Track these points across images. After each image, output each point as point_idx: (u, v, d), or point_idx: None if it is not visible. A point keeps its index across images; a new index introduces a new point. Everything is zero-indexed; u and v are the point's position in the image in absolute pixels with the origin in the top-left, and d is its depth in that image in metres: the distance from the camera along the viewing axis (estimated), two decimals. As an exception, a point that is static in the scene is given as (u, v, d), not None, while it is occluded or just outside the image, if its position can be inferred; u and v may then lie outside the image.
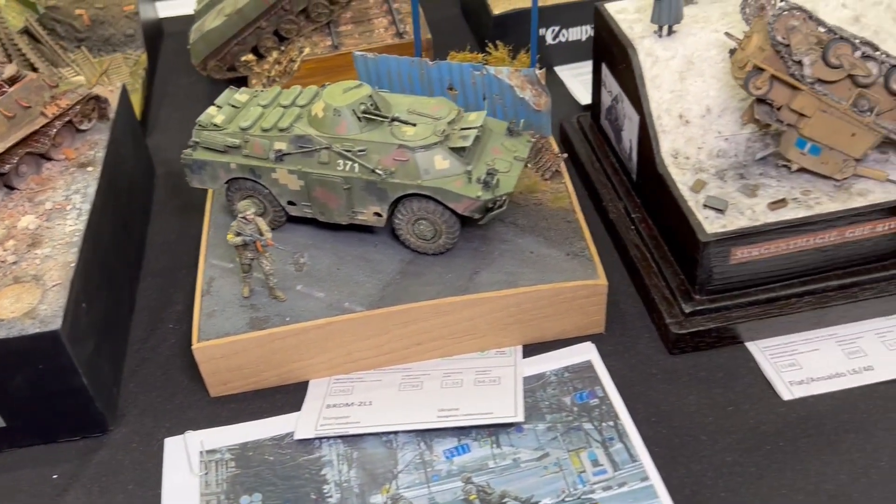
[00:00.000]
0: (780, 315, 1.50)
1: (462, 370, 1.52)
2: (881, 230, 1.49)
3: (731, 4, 1.75)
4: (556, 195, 1.68)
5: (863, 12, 1.71)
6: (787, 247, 1.47)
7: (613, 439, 1.38)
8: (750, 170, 1.57)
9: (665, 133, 1.61)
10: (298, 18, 2.20)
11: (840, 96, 1.43)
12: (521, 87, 1.71)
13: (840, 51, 1.38)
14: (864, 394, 1.41)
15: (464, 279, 1.52)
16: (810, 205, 1.48)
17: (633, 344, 1.55)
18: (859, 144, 1.45)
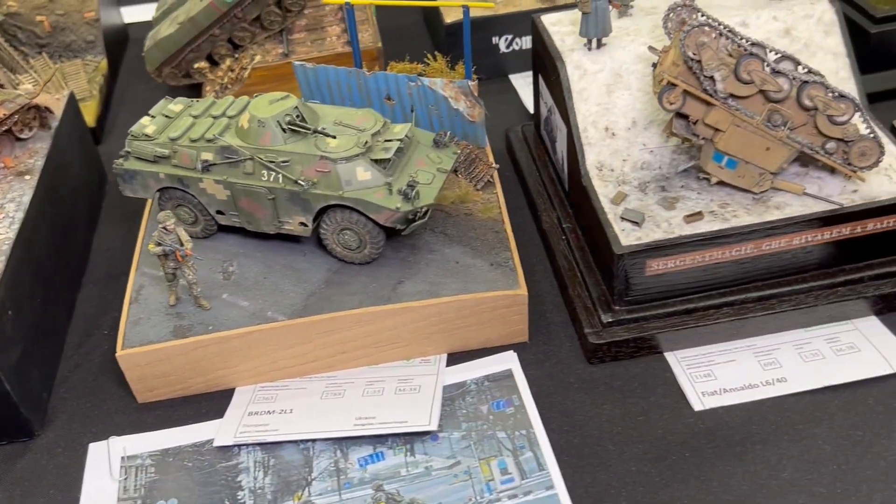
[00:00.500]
0: (698, 326, 1.52)
1: (385, 378, 1.54)
2: (798, 243, 1.50)
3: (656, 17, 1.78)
4: (486, 205, 1.70)
5: (793, 25, 1.72)
6: (703, 259, 1.49)
7: (524, 448, 1.40)
8: (672, 182, 1.59)
9: (590, 145, 1.63)
10: (251, 26, 2.23)
11: (754, 111, 1.45)
12: (455, 99, 1.74)
13: (751, 66, 1.40)
14: (774, 405, 1.42)
15: (387, 289, 1.54)
16: (727, 217, 1.50)
17: (555, 353, 1.57)
18: (774, 158, 1.47)
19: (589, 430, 1.42)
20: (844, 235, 1.51)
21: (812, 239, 1.50)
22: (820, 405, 1.42)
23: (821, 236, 1.50)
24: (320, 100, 1.86)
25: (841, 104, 1.42)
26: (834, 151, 1.46)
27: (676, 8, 1.54)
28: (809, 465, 1.34)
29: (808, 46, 1.71)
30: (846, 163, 1.47)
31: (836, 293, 1.54)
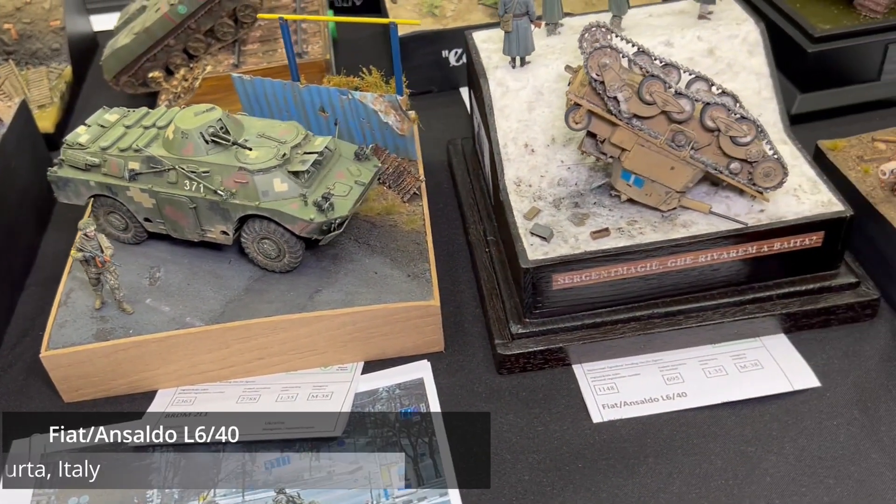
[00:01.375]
0: (606, 340, 1.55)
1: (301, 385, 1.58)
2: (704, 261, 1.53)
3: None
4: (411, 217, 1.74)
5: (717, 45, 1.76)
6: (609, 274, 1.53)
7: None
8: (586, 199, 1.63)
9: (510, 161, 1.67)
10: (205, 37, 2.29)
11: (658, 131, 1.48)
12: (385, 112, 1.78)
13: (653, 88, 1.43)
14: (672, 419, 1.45)
15: (304, 297, 1.58)
16: (633, 235, 1.54)
17: (468, 363, 1.60)
18: (679, 177, 1.50)
19: (490, 439, 1.46)
20: (751, 254, 1.54)
21: (718, 257, 1.53)
22: (717, 420, 1.45)
23: (726, 255, 1.53)
24: (259, 111, 1.92)
25: (743, 126, 1.45)
26: (738, 172, 1.49)
27: (591, 28, 1.57)
28: (699, 479, 1.37)
29: (731, 66, 1.75)
30: (751, 183, 1.50)
31: (744, 311, 1.57)
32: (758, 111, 1.71)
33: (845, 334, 1.57)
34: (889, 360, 1.51)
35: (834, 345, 1.56)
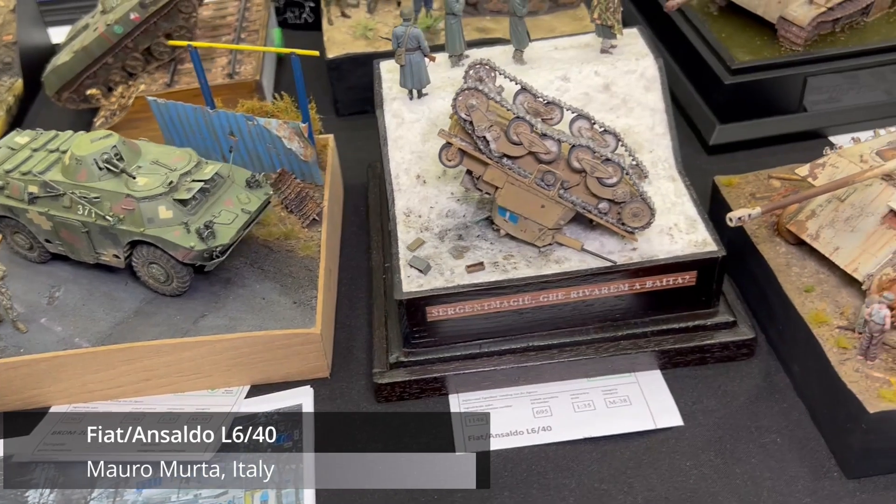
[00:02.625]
0: (481, 371, 1.58)
1: (184, 407, 1.63)
2: (576, 297, 1.56)
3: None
4: (307, 243, 1.78)
5: (614, 80, 1.77)
6: (483, 308, 1.55)
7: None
8: (470, 231, 1.65)
9: (401, 192, 1.70)
10: (143, 56, 2.34)
11: (528, 170, 1.50)
12: (289, 139, 1.82)
13: (519, 129, 1.46)
14: (533, 453, 1.48)
15: (189, 322, 1.63)
16: (507, 269, 1.56)
17: (350, 390, 1.64)
18: (550, 215, 1.52)
19: (354, 468, 1.49)
20: (624, 291, 1.56)
21: (590, 293, 1.56)
22: (578, 456, 1.47)
23: (598, 291, 1.56)
24: (175, 133, 1.97)
25: (608, 167, 1.47)
26: (607, 211, 1.51)
27: (476, 65, 1.60)
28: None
29: (626, 102, 1.76)
30: (620, 223, 1.52)
31: (618, 346, 1.59)
32: (650, 147, 1.74)
33: (720, 373, 1.59)
34: (756, 400, 1.52)
35: (707, 383, 1.57)
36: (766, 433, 1.46)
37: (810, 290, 1.51)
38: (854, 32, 2.16)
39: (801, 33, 2.08)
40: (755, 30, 2.19)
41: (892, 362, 1.37)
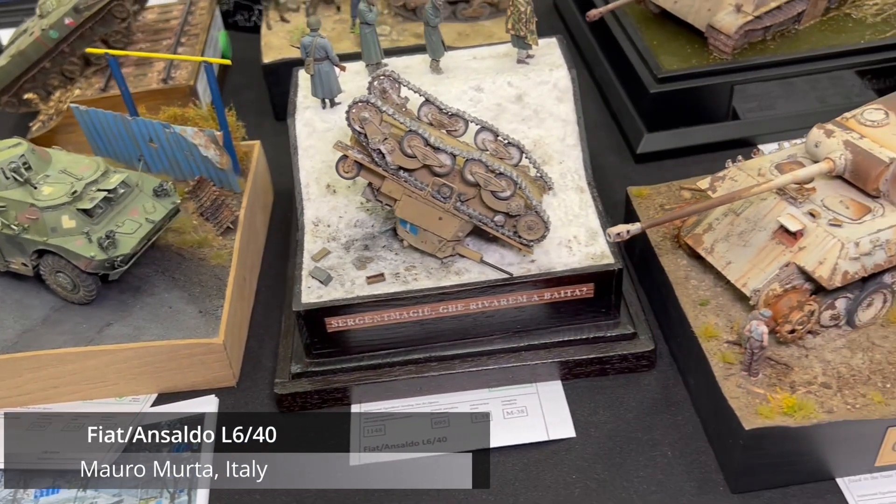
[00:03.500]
0: (382, 381, 1.59)
1: (90, 415, 1.64)
2: (475, 308, 1.56)
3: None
4: (219, 252, 1.78)
5: (527, 91, 1.78)
6: (383, 319, 1.56)
7: (183, 491, 1.48)
8: (377, 242, 1.66)
9: (310, 201, 1.71)
10: (80, 60, 2.35)
11: (425, 182, 1.51)
12: (205, 146, 1.83)
13: (413, 142, 1.46)
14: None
15: (94, 331, 1.64)
16: (407, 280, 1.57)
17: (255, 400, 1.65)
18: (448, 227, 1.53)
19: (250, 478, 1.50)
20: (523, 303, 1.57)
21: (489, 305, 1.56)
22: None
23: (497, 303, 1.56)
24: (99, 140, 1.98)
25: (502, 181, 1.47)
26: (503, 224, 1.52)
27: (380, 76, 1.60)
28: (432, 528, 1.40)
29: (538, 113, 1.77)
30: (516, 235, 1.53)
31: (519, 357, 1.59)
32: (561, 158, 1.74)
33: (620, 384, 1.59)
34: (652, 413, 1.53)
35: (606, 394, 1.58)
36: (657, 446, 1.47)
37: (705, 303, 1.52)
38: (785, 40, 2.16)
39: (729, 42, 2.07)
40: (687, 37, 2.19)
41: (775, 378, 1.37)
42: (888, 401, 1.32)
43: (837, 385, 1.35)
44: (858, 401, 1.32)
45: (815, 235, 1.38)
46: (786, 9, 2.12)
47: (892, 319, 1.43)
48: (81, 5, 2.28)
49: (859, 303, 1.41)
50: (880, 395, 1.32)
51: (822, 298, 1.39)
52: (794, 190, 1.45)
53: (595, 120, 2.31)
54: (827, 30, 2.19)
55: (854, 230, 1.37)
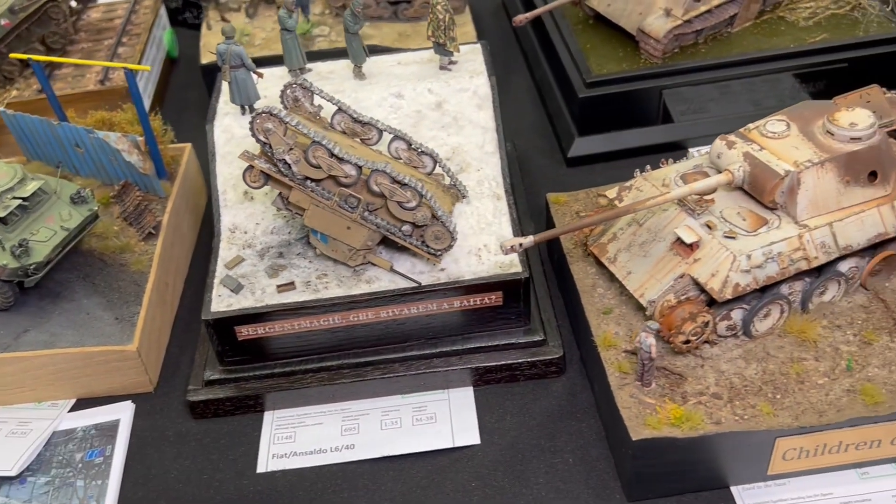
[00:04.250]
0: (295, 389, 1.60)
1: (8, 420, 1.65)
2: (386, 316, 1.58)
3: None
4: (140, 258, 1.79)
5: (446, 98, 1.79)
6: (293, 327, 1.57)
7: (92, 498, 1.50)
8: (292, 249, 1.67)
9: (227, 207, 1.72)
10: (18, 61, 2.34)
11: (332, 192, 1.52)
12: (128, 152, 1.83)
13: (317, 153, 1.47)
14: (333, 472, 1.50)
15: (10, 337, 1.65)
16: (318, 289, 1.58)
17: (171, 406, 1.66)
18: (357, 236, 1.54)
19: (156, 485, 1.52)
20: (434, 311, 1.58)
21: (400, 313, 1.58)
22: (375, 475, 1.50)
23: (408, 311, 1.58)
24: (30, 144, 1.98)
25: (407, 192, 1.48)
26: (410, 234, 1.53)
27: (293, 85, 1.61)
28: (333, 534, 1.43)
29: (457, 120, 1.77)
30: (424, 245, 1.54)
31: (430, 364, 1.61)
32: (479, 165, 1.75)
33: (529, 390, 1.61)
34: (556, 419, 1.55)
35: (515, 400, 1.60)
36: (559, 453, 1.49)
37: (608, 311, 1.53)
38: (717, 44, 2.17)
39: (658, 46, 2.08)
40: (620, 41, 2.20)
41: (668, 388, 1.39)
42: (777, 412, 1.35)
43: (729, 396, 1.37)
44: (748, 412, 1.35)
45: (710, 247, 1.40)
46: (717, 12, 2.13)
47: (790, 330, 1.45)
48: (17, 6, 2.27)
49: (755, 313, 1.43)
50: (769, 407, 1.35)
51: (718, 309, 1.41)
52: (693, 201, 1.47)
53: (533, 123, 2.32)
54: (759, 33, 2.20)
55: (748, 243, 1.39)
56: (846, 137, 1.41)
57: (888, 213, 1.43)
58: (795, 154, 1.42)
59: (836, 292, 1.49)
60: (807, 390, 1.37)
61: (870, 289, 1.51)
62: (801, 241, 1.38)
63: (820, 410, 1.34)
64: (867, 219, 1.42)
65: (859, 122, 1.41)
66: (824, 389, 1.36)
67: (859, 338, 1.43)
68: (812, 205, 1.41)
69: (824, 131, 1.44)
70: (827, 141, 1.43)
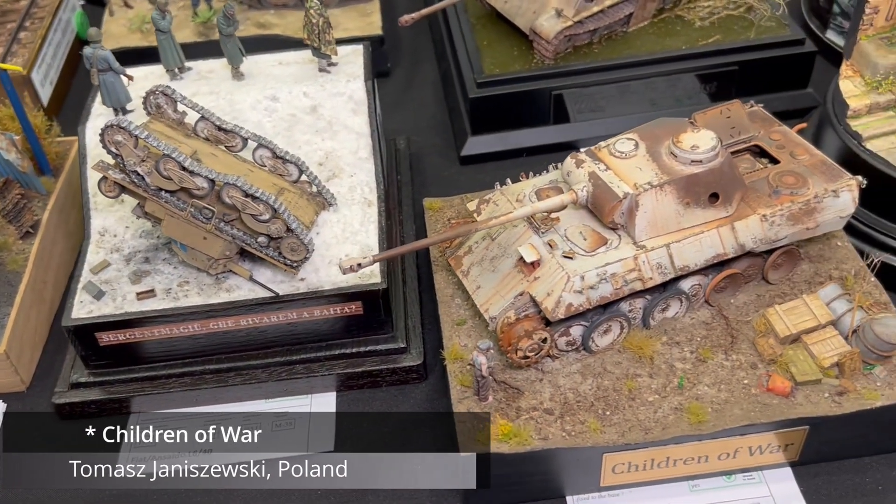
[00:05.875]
0: (158, 393, 1.63)
1: None
2: (246, 324, 1.60)
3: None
4: (16, 257, 1.80)
5: (322, 102, 1.79)
6: (153, 334, 1.60)
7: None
8: (159, 254, 1.68)
9: (98, 211, 1.72)
10: (-87, 46, 2.32)
11: (187, 203, 1.53)
12: (6, 150, 1.83)
13: (168, 165, 1.48)
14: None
15: None
16: (177, 297, 1.60)
17: (40, 406, 1.68)
18: (214, 246, 1.55)
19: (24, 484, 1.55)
20: (294, 319, 1.61)
21: (260, 321, 1.60)
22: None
23: (268, 319, 1.60)
24: (-88, 137, 1.97)
25: (259, 205, 1.49)
26: (266, 245, 1.55)
27: (156, 91, 1.61)
28: (185, 538, 1.47)
29: (332, 125, 1.78)
30: (281, 256, 1.56)
31: (292, 371, 1.64)
32: (352, 171, 1.76)
33: (390, 396, 1.65)
34: (412, 425, 1.56)
35: (375, 406, 1.64)
36: (408, 461, 1.52)
37: (462, 323, 1.57)
38: (611, 44, 2.18)
39: (549, 47, 2.09)
40: (516, 39, 2.19)
41: (505, 402, 1.43)
42: (604, 428, 1.39)
43: (560, 411, 1.41)
44: (576, 427, 1.39)
45: (549, 266, 1.43)
46: (611, 12, 2.13)
47: (629, 346, 1.49)
48: None
49: (594, 329, 1.47)
50: (598, 423, 1.39)
51: (557, 326, 1.45)
52: (540, 219, 1.50)
53: (433, 118, 2.33)
54: (655, 33, 2.21)
55: (584, 263, 1.42)
56: (687, 160, 1.44)
57: (728, 234, 1.46)
58: (637, 175, 1.44)
59: (678, 309, 1.53)
60: (636, 407, 1.41)
61: (714, 305, 1.55)
62: (637, 262, 1.42)
63: (647, 428, 1.39)
64: (706, 240, 1.45)
65: (701, 145, 1.44)
66: (653, 406, 1.41)
67: (695, 355, 1.48)
68: (651, 226, 1.44)
69: (669, 152, 1.46)
70: (670, 162, 1.45)
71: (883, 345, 1.40)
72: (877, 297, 1.54)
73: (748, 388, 1.42)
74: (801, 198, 1.49)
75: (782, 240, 1.50)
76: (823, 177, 1.53)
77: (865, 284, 1.56)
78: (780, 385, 1.40)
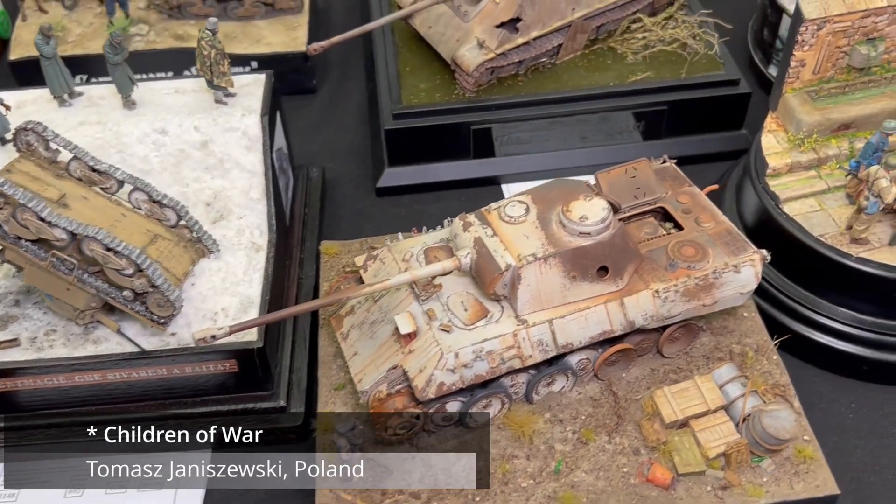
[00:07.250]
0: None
1: None
2: (114, 378, 1.52)
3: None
4: None
5: (213, 138, 1.69)
6: (15, 385, 1.51)
7: None
8: (31, 297, 1.57)
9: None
10: None
11: (48, 253, 1.44)
12: None
13: (24, 215, 1.38)
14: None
15: None
16: (42, 347, 1.51)
17: None
18: (78, 298, 1.46)
19: None
20: (163, 375, 1.52)
21: (129, 376, 1.52)
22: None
23: (137, 374, 1.52)
24: None
25: (121, 259, 1.40)
26: (132, 300, 1.46)
27: (25, 130, 1.50)
28: None
29: (223, 162, 1.69)
30: (147, 311, 1.47)
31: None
32: (242, 212, 1.67)
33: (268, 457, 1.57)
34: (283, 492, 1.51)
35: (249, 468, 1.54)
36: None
37: (341, 388, 1.48)
38: (538, 76, 2.07)
39: (470, 79, 1.99)
40: (439, 66, 2.08)
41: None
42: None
43: (428, 495, 1.34)
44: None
45: (425, 339, 1.35)
46: (537, 44, 2.03)
47: (509, 423, 1.42)
48: None
49: (471, 406, 1.39)
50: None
51: (431, 402, 1.37)
52: (421, 285, 1.41)
53: (353, 144, 2.22)
54: (584, 66, 2.11)
55: (460, 338, 1.33)
56: (576, 231, 1.35)
57: (616, 310, 1.38)
58: (523, 245, 1.35)
59: (565, 384, 1.45)
60: (508, 493, 1.34)
61: (603, 379, 1.48)
62: (517, 339, 1.33)
63: (516, 516, 1.32)
64: (592, 316, 1.37)
65: (590, 216, 1.35)
66: (526, 494, 1.33)
67: (577, 436, 1.40)
68: (534, 300, 1.35)
69: (558, 220, 1.38)
70: (559, 232, 1.36)
71: (770, 439, 1.33)
72: (777, 377, 1.47)
73: (627, 478, 1.34)
74: (699, 272, 1.41)
75: (676, 316, 1.42)
76: (726, 248, 1.45)
77: (766, 363, 1.49)
78: (660, 476, 1.33)
